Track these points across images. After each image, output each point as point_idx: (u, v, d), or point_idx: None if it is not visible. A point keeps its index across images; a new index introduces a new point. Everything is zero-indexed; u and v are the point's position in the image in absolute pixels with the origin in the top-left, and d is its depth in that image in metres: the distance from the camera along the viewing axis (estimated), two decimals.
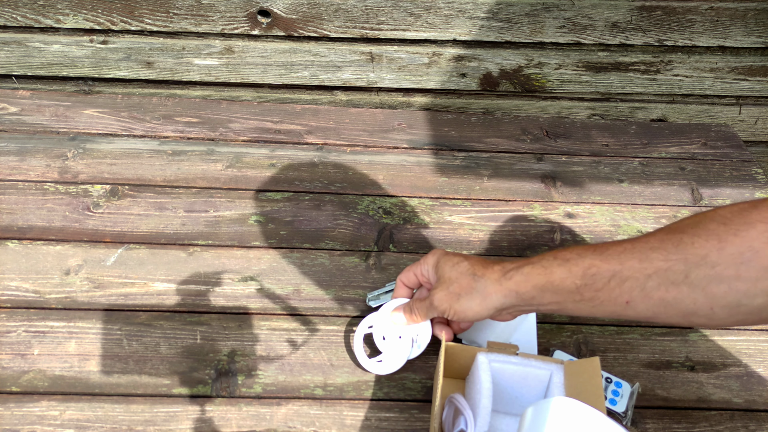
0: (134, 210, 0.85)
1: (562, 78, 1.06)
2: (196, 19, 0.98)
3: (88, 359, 0.69)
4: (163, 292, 0.76)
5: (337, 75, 1.06)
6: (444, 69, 1.04)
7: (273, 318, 0.74)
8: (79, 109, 1.01)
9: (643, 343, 0.74)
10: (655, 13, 0.97)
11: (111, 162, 0.92)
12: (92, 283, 0.76)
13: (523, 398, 0.64)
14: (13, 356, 0.69)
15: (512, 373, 0.62)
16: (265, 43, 1.02)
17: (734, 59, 1.03)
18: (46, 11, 0.97)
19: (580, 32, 1.00)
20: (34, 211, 0.84)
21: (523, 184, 0.94)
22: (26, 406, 0.65)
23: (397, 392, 0.68)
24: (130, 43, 1.01)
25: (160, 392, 0.67)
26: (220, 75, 1.05)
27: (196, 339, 0.72)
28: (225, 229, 0.84)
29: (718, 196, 0.93)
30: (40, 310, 0.73)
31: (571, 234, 0.86)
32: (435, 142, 1.00)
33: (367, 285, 0.78)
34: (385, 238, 0.84)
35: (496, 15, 0.98)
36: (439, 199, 0.90)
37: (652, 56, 1.03)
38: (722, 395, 0.70)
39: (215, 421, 0.65)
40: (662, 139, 1.04)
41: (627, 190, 0.94)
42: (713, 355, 0.74)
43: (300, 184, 0.91)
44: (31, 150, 0.93)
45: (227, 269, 0.79)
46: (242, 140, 0.98)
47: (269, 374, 0.69)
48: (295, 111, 1.04)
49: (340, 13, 0.97)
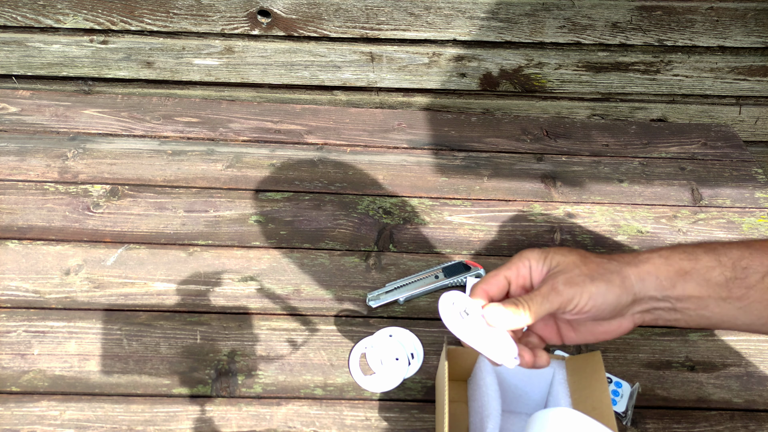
0: (134, 210, 0.85)
1: (562, 78, 1.06)
2: (196, 19, 0.98)
3: (88, 359, 0.69)
4: (163, 292, 0.76)
5: (337, 75, 1.06)
6: (444, 69, 1.04)
7: (273, 318, 0.74)
8: (79, 109, 1.01)
9: (643, 343, 0.74)
10: (655, 13, 0.97)
11: (111, 162, 0.92)
12: (92, 283, 0.76)
13: (527, 396, 0.64)
14: (13, 356, 0.69)
15: (515, 372, 0.62)
16: (265, 43, 1.02)
17: (734, 59, 1.03)
18: (46, 11, 0.97)
19: (580, 32, 1.00)
20: (34, 211, 0.84)
21: (523, 184, 0.94)
22: (26, 406, 0.65)
23: (397, 392, 0.68)
24: (130, 43, 1.01)
25: (160, 392, 0.67)
26: (220, 75, 1.05)
27: (196, 339, 0.72)
28: (225, 229, 0.84)
29: (718, 196, 0.93)
30: (40, 310, 0.73)
31: (571, 234, 0.87)
32: (435, 142, 1.00)
33: (367, 285, 0.78)
34: (385, 238, 0.84)
35: (496, 15, 0.98)
36: (439, 199, 0.90)
37: (652, 56, 1.03)
38: (722, 395, 0.70)
39: (215, 421, 0.65)
40: (662, 139, 1.04)
41: (627, 190, 0.94)
42: (713, 355, 0.74)
43: (300, 184, 0.91)
44: (31, 150, 0.93)
45: (227, 269, 0.79)
46: (242, 140, 0.98)
47: (269, 374, 0.69)
48: (295, 111, 1.04)
49: (340, 13, 0.97)
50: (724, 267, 0.46)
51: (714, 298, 0.46)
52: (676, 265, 0.47)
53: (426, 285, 0.77)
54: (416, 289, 0.77)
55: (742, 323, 0.47)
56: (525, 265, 0.50)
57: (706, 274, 0.46)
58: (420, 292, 0.77)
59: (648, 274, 0.47)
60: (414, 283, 0.77)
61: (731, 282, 0.46)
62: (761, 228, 0.89)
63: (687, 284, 0.47)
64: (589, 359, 0.59)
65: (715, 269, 0.46)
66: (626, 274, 0.48)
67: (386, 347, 0.71)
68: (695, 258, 0.47)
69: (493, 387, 0.59)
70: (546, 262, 0.50)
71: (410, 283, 0.77)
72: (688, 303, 0.47)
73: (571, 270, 0.48)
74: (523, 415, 0.64)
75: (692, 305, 0.47)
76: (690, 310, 0.47)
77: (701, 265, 0.46)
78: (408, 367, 0.70)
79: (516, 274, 0.50)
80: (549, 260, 0.50)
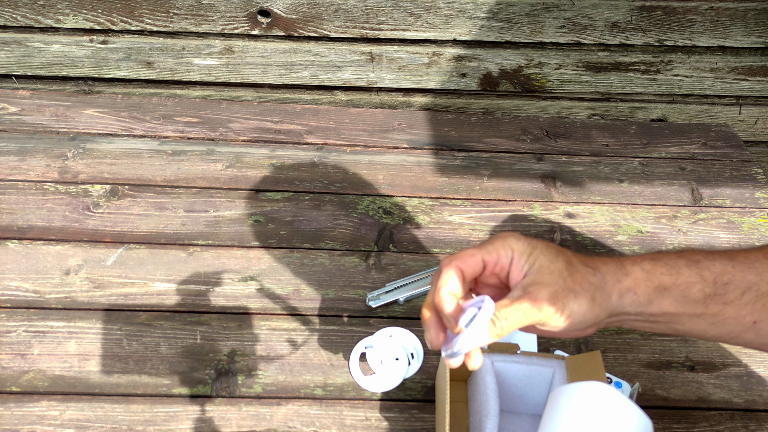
0: (134, 210, 0.85)
1: (562, 78, 1.06)
2: (196, 19, 0.98)
3: (88, 359, 0.69)
4: (163, 292, 0.76)
5: (337, 75, 1.06)
6: (444, 69, 1.04)
7: (273, 318, 0.74)
8: (79, 109, 1.01)
9: (643, 343, 0.74)
10: (655, 13, 0.97)
11: (111, 162, 0.92)
12: (92, 283, 0.76)
13: (527, 396, 0.64)
14: (13, 356, 0.69)
15: (515, 372, 0.62)
16: (265, 43, 1.02)
17: (734, 59, 1.03)
18: (46, 11, 0.97)
19: (580, 32, 1.00)
20: (34, 211, 0.84)
21: (523, 184, 0.94)
22: (26, 406, 0.65)
23: (397, 392, 0.68)
24: (130, 43, 1.01)
25: (160, 392, 0.67)
26: (220, 75, 1.05)
27: (196, 339, 0.72)
28: (225, 229, 0.84)
29: (718, 196, 0.93)
30: (40, 310, 0.73)
31: (571, 234, 0.87)
32: (435, 142, 1.00)
33: (367, 285, 0.78)
34: (385, 238, 0.84)
35: (496, 15, 0.98)
36: (439, 199, 0.90)
37: (652, 56, 1.03)
38: (722, 395, 0.70)
39: (215, 421, 0.65)
40: (662, 139, 1.04)
41: (627, 190, 0.94)
42: (713, 355, 0.74)
43: (300, 184, 0.91)
44: (31, 150, 0.93)
45: (227, 269, 0.79)
46: (242, 140, 0.98)
47: (269, 374, 0.69)
48: (295, 111, 1.04)
49: (340, 13, 0.97)
50: (705, 283, 0.45)
51: (688, 315, 0.45)
52: (657, 281, 0.45)
53: (426, 285, 0.77)
54: (416, 289, 0.77)
55: (711, 336, 0.46)
56: (507, 254, 0.47)
57: (685, 291, 0.45)
58: (420, 292, 0.77)
59: (628, 291, 0.45)
60: (414, 283, 0.77)
61: (709, 298, 0.45)
62: (761, 228, 0.89)
63: (664, 301, 0.45)
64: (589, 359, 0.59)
65: (695, 285, 0.45)
66: (608, 291, 0.45)
67: (386, 347, 0.71)
68: (677, 272, 0.45)
69: (492, 387, 0.59)
70: (529, 260, 0.46)
71: (410, 283, 0.77)
72: (661, 318, 0.46)
73: (556, 282, 0.44)
74: (523, 415, 0.64)
75: (664, 320, 0.46)
76: (661, 323, 0.47)
77: (682, 281, 0.45)
78: (408, 367, 0.70)
79: (495, 261, 0.47)
80: (533, 259, 0.46)
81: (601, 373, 0.57)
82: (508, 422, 0.64)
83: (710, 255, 0.45)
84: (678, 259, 0.45)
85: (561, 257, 0.46)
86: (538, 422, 0.64)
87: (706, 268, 0.45)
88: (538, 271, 0.45)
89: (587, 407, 0.46)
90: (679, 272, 0.45)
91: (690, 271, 0.45)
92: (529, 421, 0.64)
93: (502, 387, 0.62)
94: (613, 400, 0.46)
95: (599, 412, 0.46)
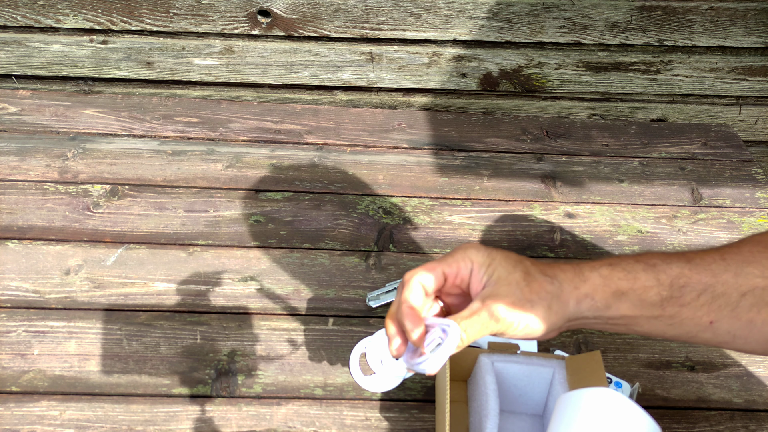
0: (134, 210, 0.85)
1: (562, 78, 1.06)
2: (196, 19, 0.98)
3: (88, 359, 0.69)
4: (163, 292, 0.76)
5: (337, 75, 1.06)
6: (444, 69, 1.04)
7: (273, 318, 0.74)
8: (79, 109, 1.01)
9: (643, 343, 0.74)
10: (655, 13, 0.97)
11: (111, 162, 0.92)
12: (92, 283, 0.76)
13: (527, 396, 0.64)
14: (13, 356, 0.69)
15: (515, 372, 0.62)
16: (265, 43, 1.02)
17: (734, 59, 1.03)
18: (46, 11, 0.97)
19: (580, 32, 1.00)
20: (34, 211, 0.84)
21: (523, 184, 0.94)
22: (26, 406, 0.65)
23: (397, 392, 0.68)
24: (130, 43, 1.01)
25: (160, 392, 0.67)
26: (220, 75, 1.05)
27: (196, 339, 0.72)
28: (225, 229, 0.84)
29: (718, 196, 0.93)
30: (40, 310, 0.73)
31: (571, 234, 0.87)
32: (435, 142, 1.00)
33: (367, 285, 0.78)
34: (385, 238, 0.84)
35: (496, 15, 0.98)
36: (439, 199, 0.90)
37: (652, 56, 1.03)
38: (722, 395, 0.70)
39: (215, 421, 0.65)
40: (662, 139, 1.04)
41: (627, 190, 0.94)
42: (713, 355, 0.74)
43: (300, 184, 0.91)
44: (31, 150, 0.93)
45: (227, 269, 0.79)
46: (242, 140, 0.98)
47: (269, 374, 0.69)
48: (295, 111, 1.05)
49: (340, 13, 0.97)
50: (662, 286, 0.46)
51: (646, 317, 0.47)
52: (614, 286, 0.46)
53: None
54: None
55: (670, 336, 0.47)
56: (467, 266, 0.49)
57: (642, 295, 0.46)
58: None
59: (585, 297, 0.47)
60: None
61: (666, 301, 0.46)
62: (761, 228, 0.89)
63: (621, 305, 0.46)
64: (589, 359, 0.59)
65: (652, 289, 0.46)
66: (565, 299, 0.47)
67: (386, 347, 0.71)
68: (634, 277, 0.46)
69: (491, 387, 0.59)
70: (488, 271, 0.48)
71: None
72: (620, 320, 0.47)
73: (513, 293, 0.46)
74: (523, 415, 0.64)
75: (623, 322, 0.47)
76: (620, 325, 0.48)
77: (639, 285, 0.46)
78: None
79: (455, 273, 0.49)
80: (491, 270, 0.48)
81: (601, 373, 0.57)
82: (508, 422, 0.64)
83: (667, 258, 0.47)
84: (635, 264, 0.47)
85: (519, 267, 0.47)
86: (538, 422, 0.64)
87: (663, 272, 0.46)
88: (496, 283, 0.47)
89: (597, 415, 0.46)
90: (636, 277, 0.46)
91: (647, 275, 0.46)
92: (529, 421, 0.64)
93: (502, 387, 0.62)
94: (624, 407, 0.46)
95: (610, 419, 0.46)
